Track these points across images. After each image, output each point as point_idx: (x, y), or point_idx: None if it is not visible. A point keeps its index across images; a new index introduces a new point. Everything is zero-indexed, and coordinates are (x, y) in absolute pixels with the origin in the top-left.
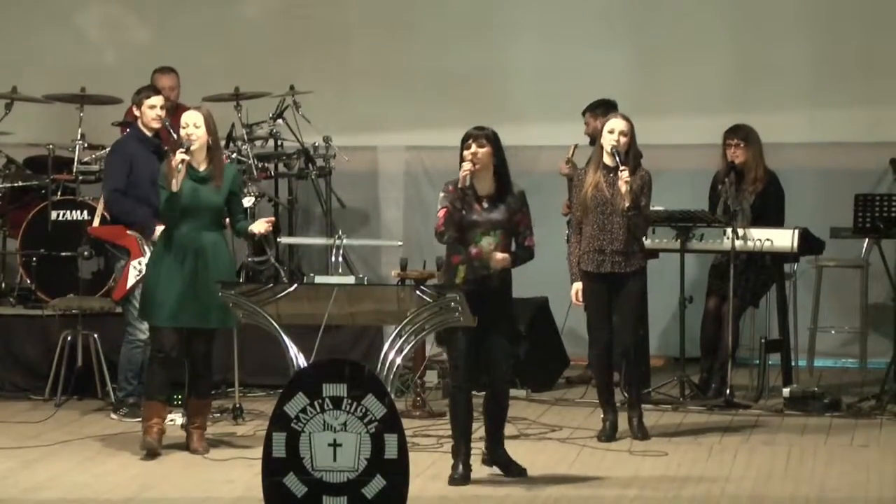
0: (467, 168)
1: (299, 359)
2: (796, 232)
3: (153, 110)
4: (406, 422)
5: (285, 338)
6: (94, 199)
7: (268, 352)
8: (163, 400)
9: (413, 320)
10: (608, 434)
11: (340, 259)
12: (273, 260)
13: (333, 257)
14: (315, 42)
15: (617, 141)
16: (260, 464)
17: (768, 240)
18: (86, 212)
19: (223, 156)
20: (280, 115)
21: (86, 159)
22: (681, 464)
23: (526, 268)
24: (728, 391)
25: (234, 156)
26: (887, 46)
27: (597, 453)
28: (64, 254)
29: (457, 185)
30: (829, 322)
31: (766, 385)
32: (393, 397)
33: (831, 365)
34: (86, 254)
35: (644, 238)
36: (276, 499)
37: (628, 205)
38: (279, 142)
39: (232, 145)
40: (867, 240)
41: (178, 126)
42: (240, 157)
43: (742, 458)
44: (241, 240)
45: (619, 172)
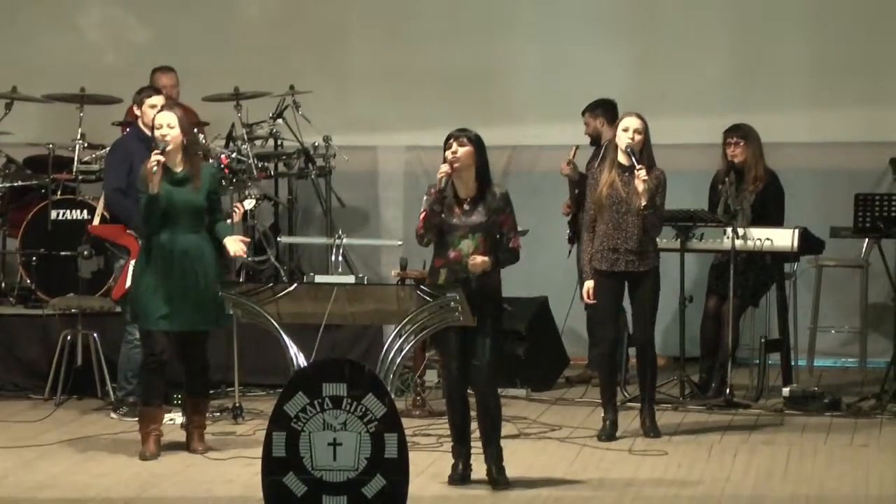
0: (443, 170)
1: (299, 358)
2: (796, 231)
3: (154, 110)
4: (406, 421)
5: (285, 337)
6: (94, 199)
7: (268, 351)
8: (159, 405)
9: (413, 320)
10: (608, 433)
11: (340, 258)
12: (273, 259)
13: (333, 257)
14: (315, 42)
15: (632, 139)
16: (260, 463)
17: (768, 239)
18: (86, 211)
19: (199, 155)
20: (280, 115)
21: (86, 159)
22: (681, 464)
23: (526, 268)
24: (728, 391)
25: (234, 155)
26: (887, 46)
27: (597, 453)
28: (64, 253)
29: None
30: (829, 322)
31: (765, 385)
32: (393, 396)
33: (831, 364)
34: (86, 253)
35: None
36: (276, 498)
37: (645, 203)
38: (279, 141)
39: (232, 145)
40: (867, 239)
41: None
42: (239, 157)
43: (742, 458)
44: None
45: (635, 171)
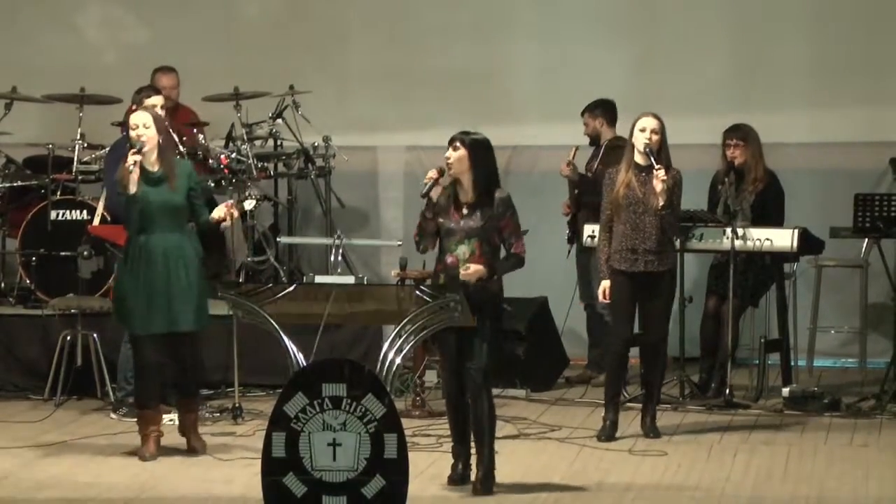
0: (429, 175)
1: (299, 358)
2: (796, 232)
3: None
4: (405, 421)
5: (285, 337)
6: (93, 199)
7: (267, 351)
8: (156, 407)
9: (412, 320)
10: (608, 433)
11: (340, 259)
12: (273, 260)
13: (333, 257)
14: (315, 42)
15: (649, 139)
16: (259, 463)
17: (768, 239)
18: (85, 211)
19: (174, 154)
20: (280, 115)
21: (85, 159)
22: (680, 464)
23: (526, 268)
24: (728, 391)
25: (234, 155)
26: (887, 46)
27: (596, 453)
28: (63, 253)
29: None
30: (829, 322)
31: (765, 385)
32: (392, 397)
33: (831, 365)
34: (85, 253)
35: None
36: (276, 498)
37: (663, 203)
38: (279, 141)
39: (231, 145)
40: (867, 239)
41: (178, 126)
42: (239, 157)
43: (742, 458)
44: (241, 240)
45: (654, 172)
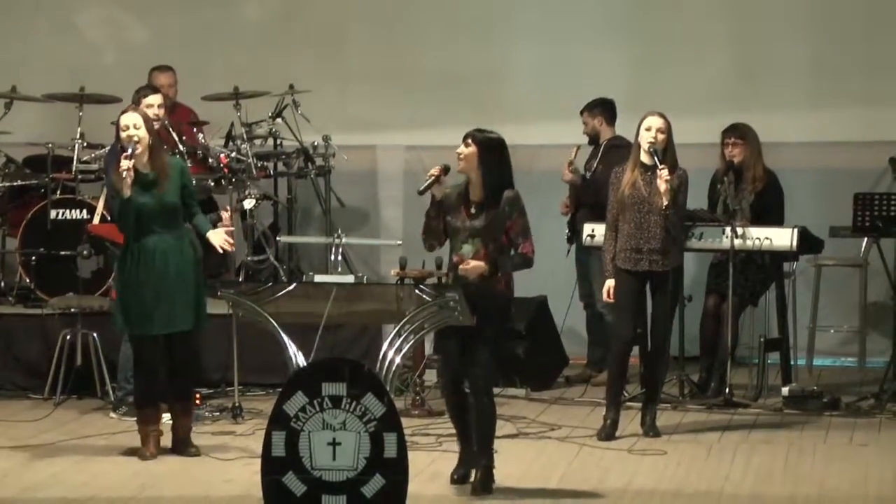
0: (431, 172)
1: (298, 358)
2: (795, 231)
3: (151, 109)
4: (405, 421)
5: (284, 337)
6: (93, 198)
7: (267, 350)
8: (155, 407)
9: (412, 319)
10: (608, 432)
11: (340, 258)
12: (272, 259)
13: (333, 256)
14: (315, 42)
15: (654, 138)
16: (259, 463)
17: (767, 239)
18: (85, 211)
19: (165, 154)
20: (279, 115)
21: (85, 158)
22: (680, 463)
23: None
24: (727, 390)
25: (234, 154)
26: (887, 46)
27: (596, 452)
28: (63, 253)
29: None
30: (828, 321)
31: (765, 384)
32: (392, 396)
33: (830, 364)
34: (85, 253)
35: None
36: (276, 498)
37: (667, 203)
38: (278, 141)
39: (231, 144)
40: (866, 239)
41: (177, 125)
42: (239, 156)
43: (741, 457)
44: (241, 239)
45: (658, 171)
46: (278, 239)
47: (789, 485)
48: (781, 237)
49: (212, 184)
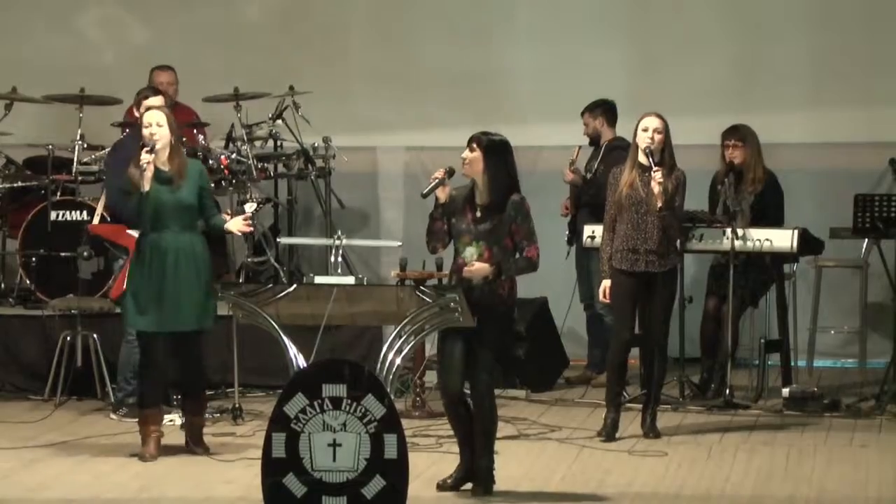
0: (433, 176)
1: (299, 359)
2: (796, 232)
3: None
4: (405, 422)
5: (285, 338)
6: (93, 200)
7: (267, 352)
8: (157, 407)
9: (412, 320)
10: (608, 433)
11: (340, 259)
12: (273, 260)
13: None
14: (315, 42)
15: (651, 139)
16: (260, 464)
17: (768, 240)
18: (85, 212)
19: (184, 154)
20: (279, 116)
21: (85, 160)
22: (681, 464)
23: None
24: (728, 391)
25: (234, 156)
26: (887, 46)
27: (596, 453)
28: (63, 254)
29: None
30: (829, 322)
31: (765, 385)
32: (392, 397)
33: (831, 365)
34: (85, 254)
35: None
36: (276, 499)
37: (661, 205)
38: (279, 142)
39: (231, 145)
40: (866, 240)
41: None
42: (239, 158)
43: (742, 459)
44: (241, 240)
45: (652, 173)
46: (279, 240)
47: (790, 486)
48: (782, 238)
49: (212, 185)
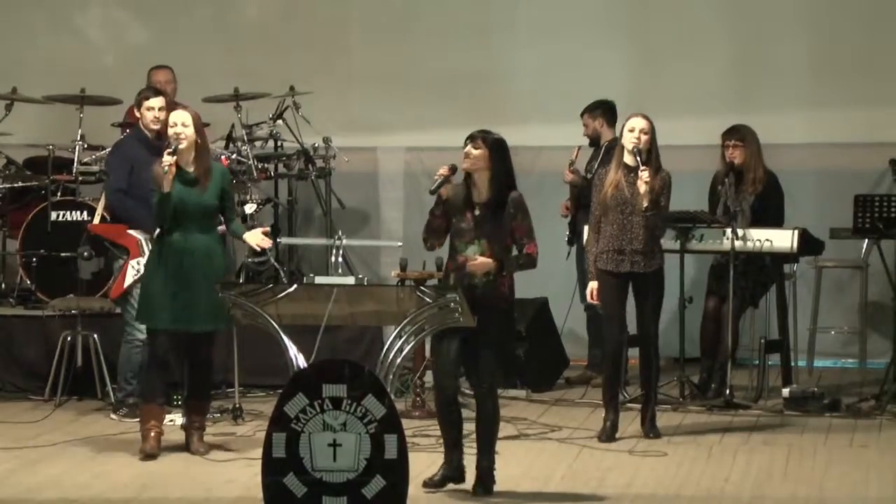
0: (440, 171)
1: (299, 359)
2: (796, 232)
3: (151, 112)
4: (405, 422)
5: (285, 338)
6: (93, 200)
7: (267, 352)
8: (160, 403)
9: (413, 321)
10: (608, 434)
11: (340, 259)
12: (273, 260)
13: (333, 258)
14: (315, 42)
15: (637, 139)
16: (260, 464)
17: (768, 240)
18: (85, 212)
19: (210, 156)
20: (280, 116)
21: (86, 160)
22: (681, 464)
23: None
24: (728, 391)
25: (234, 156)
26: (887, 46)
27: (596, 453)
28: (64, 254)
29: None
30: (829, 322)
31: (765, 385)
32: (392, 397)
33: (831, 365)
34: (85, 254)
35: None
36: (276, 499)
37: (646, 205)
38: (279, 143)
39: (232, 146)
40: (866, 240)
41: None
42: (239, 158)
43: (742, 459)
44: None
45: (639, 173)
46: (279, 240)
47: (790, 486)
48: (782, 239)
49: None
